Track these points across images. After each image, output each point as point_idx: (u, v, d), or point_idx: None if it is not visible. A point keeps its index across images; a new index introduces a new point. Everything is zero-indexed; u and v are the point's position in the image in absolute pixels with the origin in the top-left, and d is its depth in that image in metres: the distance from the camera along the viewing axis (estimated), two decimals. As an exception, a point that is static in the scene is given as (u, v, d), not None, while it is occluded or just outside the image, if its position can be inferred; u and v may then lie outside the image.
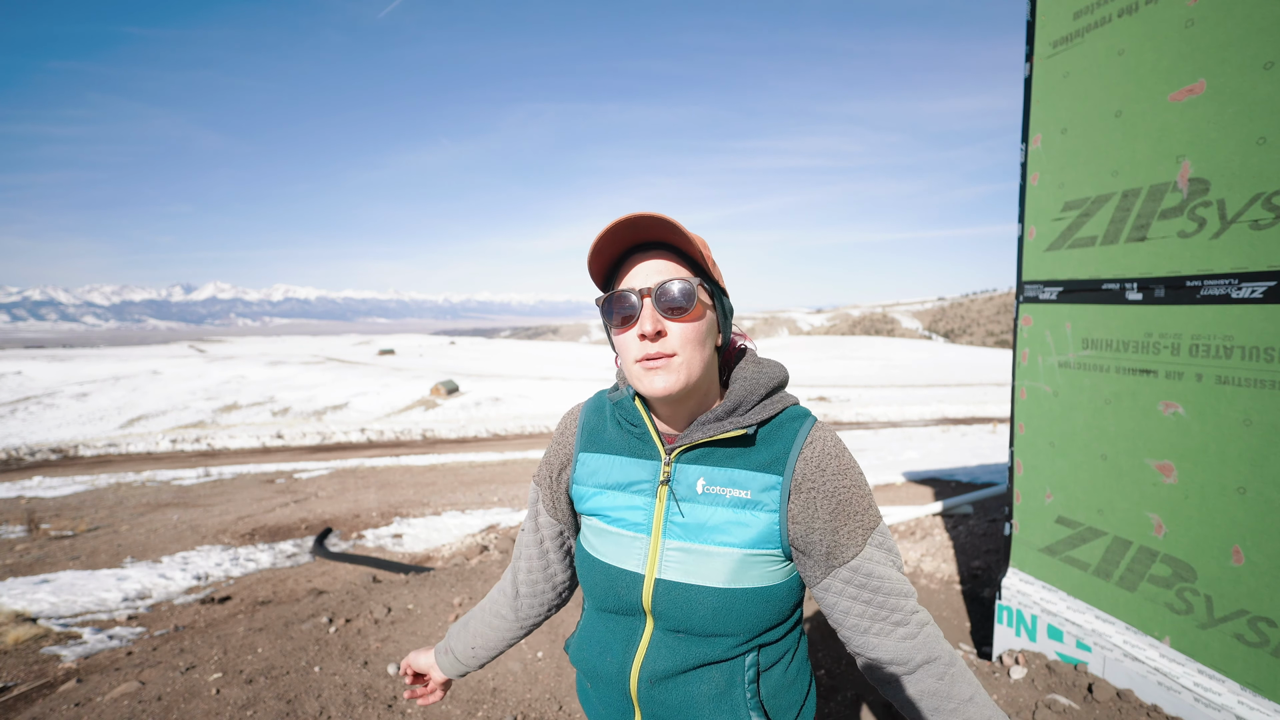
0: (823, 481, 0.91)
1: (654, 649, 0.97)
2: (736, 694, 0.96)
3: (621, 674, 1.00)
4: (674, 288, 0.89)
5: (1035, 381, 2.94)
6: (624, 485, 0.99)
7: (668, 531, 0.94)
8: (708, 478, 0.93)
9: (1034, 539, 2.99)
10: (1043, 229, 2.87)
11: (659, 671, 0.97)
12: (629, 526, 0.98)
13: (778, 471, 0.91)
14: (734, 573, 0.91)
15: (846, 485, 0.91)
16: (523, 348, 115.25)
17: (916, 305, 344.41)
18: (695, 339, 0.90)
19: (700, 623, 0.93)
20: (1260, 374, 2.03)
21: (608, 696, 1.04)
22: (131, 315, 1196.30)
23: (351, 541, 7.37)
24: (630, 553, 0.97)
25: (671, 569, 0.94)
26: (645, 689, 0.98)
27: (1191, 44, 2.20)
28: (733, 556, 0.91)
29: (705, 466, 0.94)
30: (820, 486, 0.90)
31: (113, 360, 64.13)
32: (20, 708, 2.98)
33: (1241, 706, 2.13)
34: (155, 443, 23.44)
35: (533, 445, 20.51)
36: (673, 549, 0.94)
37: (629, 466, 1.00)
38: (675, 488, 0.95)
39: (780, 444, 0.93)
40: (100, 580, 5.69)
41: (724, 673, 0.96)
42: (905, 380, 56.36)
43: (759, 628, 0.95)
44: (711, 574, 0.92)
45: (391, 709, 2.80)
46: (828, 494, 0.90)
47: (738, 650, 0.95)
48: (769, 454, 0.93)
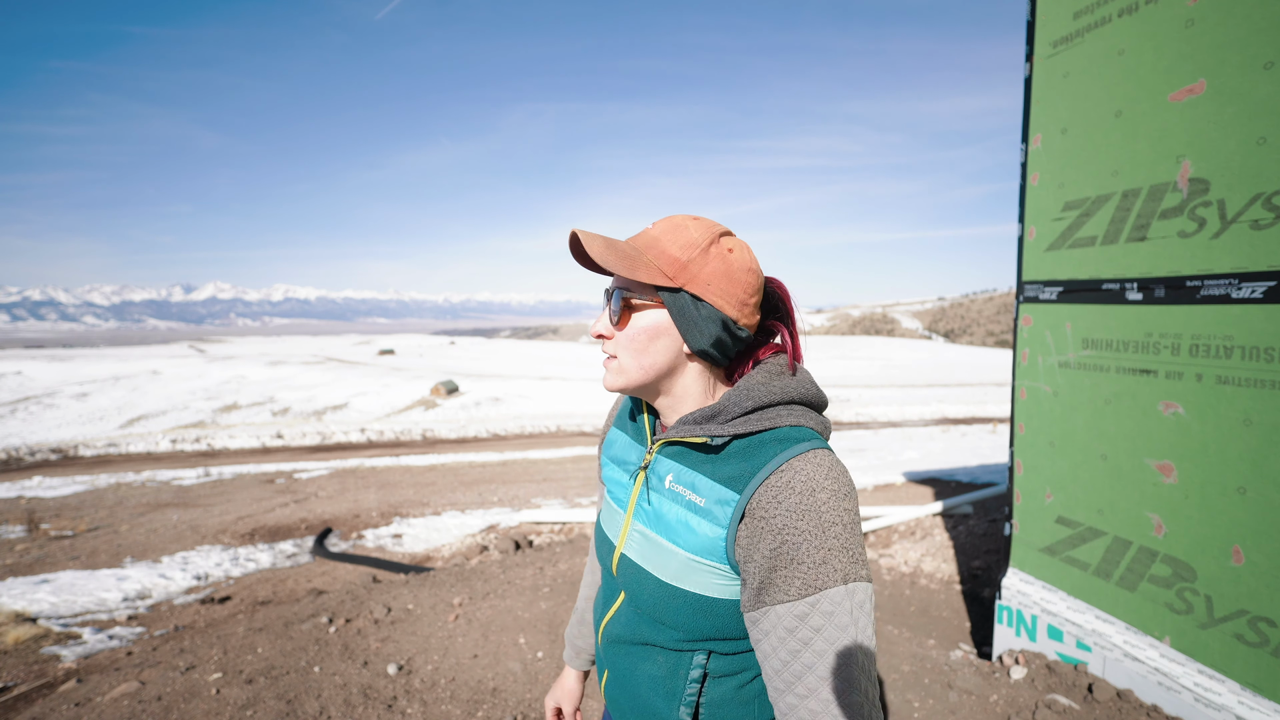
0: (775, 514, 0.79)
1: (619, 613, 1.03)
2: (676, 684, 0.94)
3: (598, 625, 1.09)
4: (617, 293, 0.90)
5: (1035, 381, 2.94)
6: (622, 462, 1.06)
7: (637, 513, 0.98)
8: (675, 475, 0.92)
9: (1034, 539, 2.99)
10: (1043, 229, 2.87)
11: (616, 635, 1.03)
12: (617, 501, 1.04)
13: (736, 490, 0.84)
14: (678, 572, 0.89)
15: (801, 528, 0.77)
16: (523, 348, 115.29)
17: (916, 305, 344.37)
18: (629, 346, 0.90)
19: (646, 604, 0.96)
20: (1260, 374, 2.03)
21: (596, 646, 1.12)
22: (131, 315, 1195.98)
23: (351, 541, 7.37)
24: (613, 523, 1.05)
25: (633, 548, 0.98)
26: (605, 646, 1.05)
27: (1191, 44, 2.20)
28: (679, 557, 0.89)
29: (676, 464, 0.93)
30: (770, 520, 0.79)
31: (113, 360, 64.14)
32: (20, 708, 2.98)
33: (1241, 706, 2.13)
34: (155, 443, 23.44)
35: (533, 445, 20.50)
36: (636, 530, 0.97)
37: (628, 447, 1.06)
38: (650, 476, 0.96)
39: (751, 463, 0.85)
40: (100, 580, 5.69)
41: (669, 661, 0.95)
42: (905, 380, 56.35)
43: (701, 634, 0.91)
44: (660, 566, 0.92)
45: (391, 709, 2.80)
46: (774, 530, 0.78)
47: (684, 645, 0.94)
48: (734, 469, 0.86)
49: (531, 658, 3.25)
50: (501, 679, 3.06)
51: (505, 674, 3.10)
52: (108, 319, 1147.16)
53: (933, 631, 3.78)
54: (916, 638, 3.46)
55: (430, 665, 3.20)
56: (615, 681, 1.05)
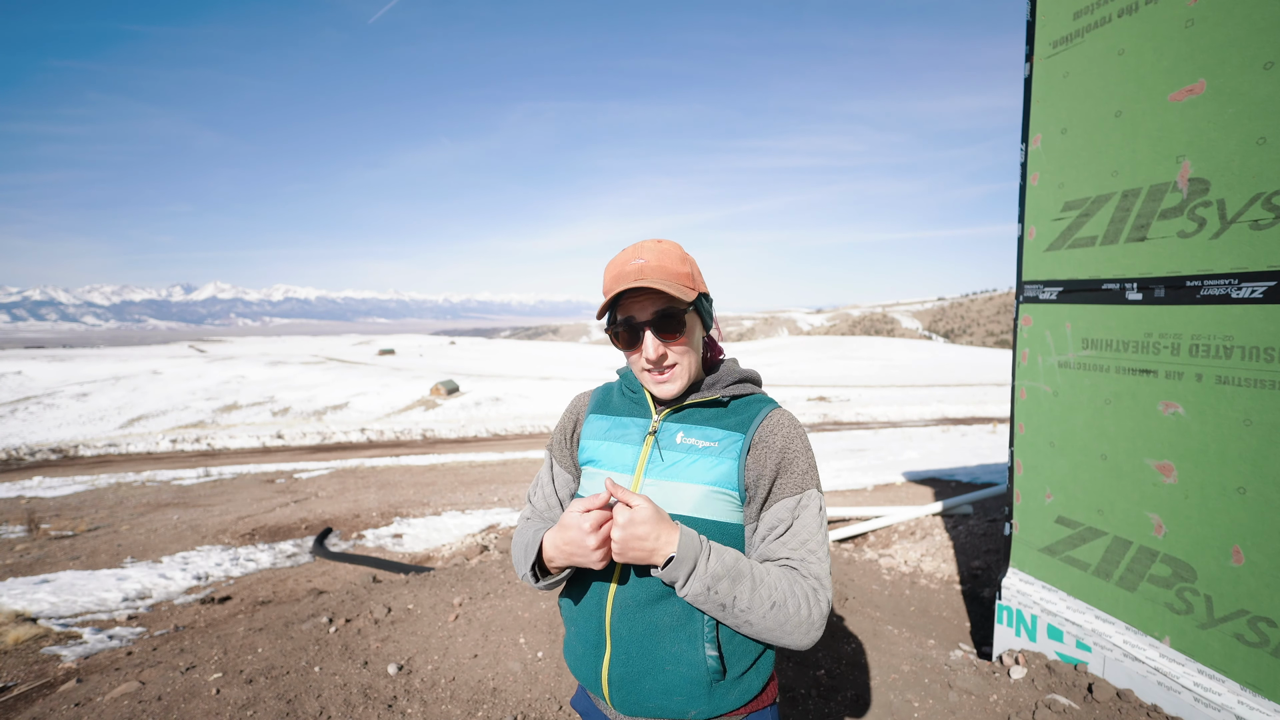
0: (773, 441, 1.14)
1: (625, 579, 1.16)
2: (695, 624, 1.12)
3: (599, 605, 1.18)
4: (668, 319, 1.13)
5: (1035, 381, 2.94)
6: (619, 437, 1.25)
7: (648, 471, 1.18)
8: (685, 432, 1.19)
9: (1034, 539, 2.99)
10: (1043, 229, 2.87)
11: (630, 599, 1.15)
12: (616, 468, 1.22)
13: (741, 431, 1.16)
14: (697, 503, 1.13)
15: (794, 448, 1.15)
16: (523, 348, 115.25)
17: (916, 305, 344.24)
18: (689, 350, 1.18)
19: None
20: (1260, 374, 2.03)
21: (584, 632, 1.22)
22: (131, 315, 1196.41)
23: (351, 541, 7.37)
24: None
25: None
26: (618, 615, 1.16)
27: (1191, 44, 2.20)
28: (698, 490, 1.14)
29: (685, 424, 1.20)
30: (771, 445, 1.14)
31: (113, 360, 64.12)
32: (20, 708, 2.98)
33: (1241, 706, 2.13)
34: (155, 443, 23.43)
35: (533, 445, 20.50)
36: (650, 484, 1.17)
37: (626, 423, 1.26)
38: (659, 438, 1.20)
39: (747, 414, 1.19)
40: (100, 580, 5.69)
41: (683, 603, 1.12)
42: (905, 380, 56.34)
43: None
44: (679, 503, 1.13)
45: (391, 709, 2.80)
46: (776, 450, 1.14)
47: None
48: (737, 419, 1.18)
49: (532, 658, 3.25)
50: (502, 679, 3.06)
51: (505, 674, 3.10)
52: (108, 319, 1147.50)
53: (933, 631, 3.78)
54: (916, 638, 3.46)
55: (430, 665, 3.20)
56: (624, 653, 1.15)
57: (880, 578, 4.78)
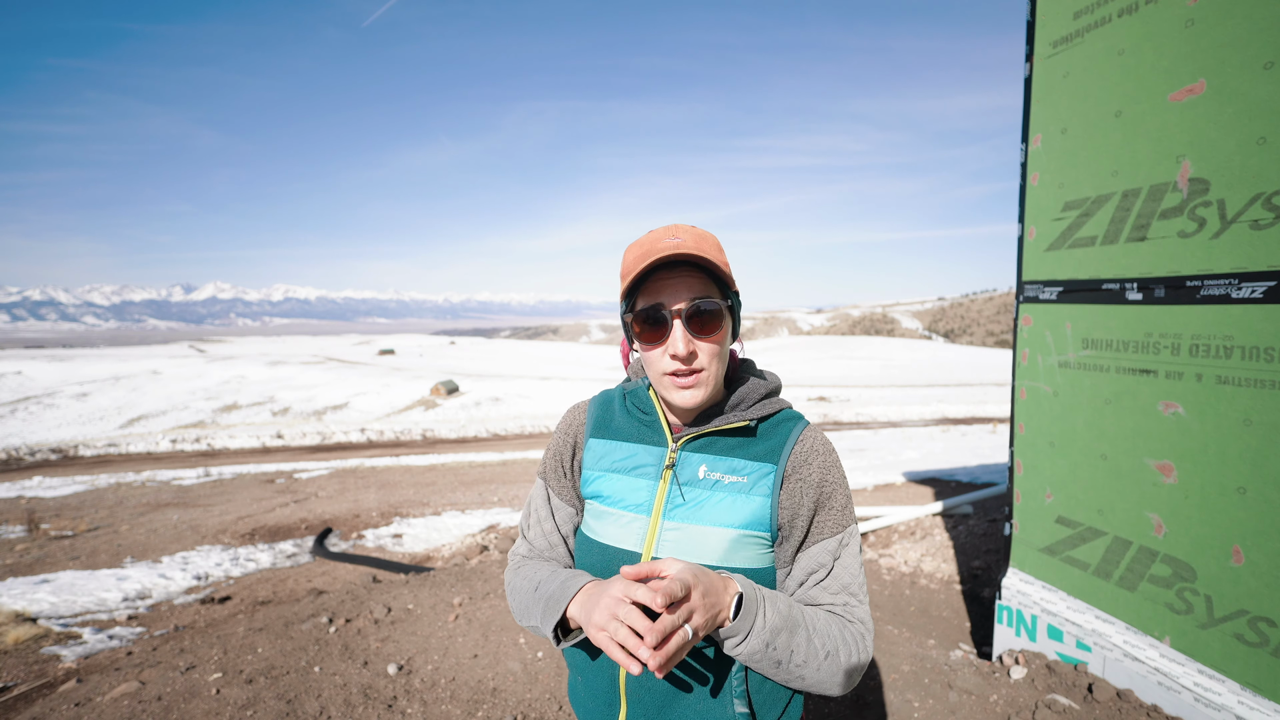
0: (809, 473, 0.99)
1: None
2: (726, 682, 0.98)
3: (610, 662, 1.02)
4: (705, 309, 0.95)
5: (1035, 381, 2.94)
6: (629, 469, 1.05)
7: (668, 513, 1.00)
8: (709, 465, 1.01)
9: (1034, 539, 2.99)
10: (1043, 229, 2.87)
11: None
12: (630, 508, 1.03)
13: (773, 461, 1.00)
14: (727, 552, 0.97)
15: (830, 480, 1.00)
16: (523, 348, 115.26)
17: (916, 305, 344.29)
18: (720, 354, 0.99)
19: None
20: (1260, 374, 2.03)
21: (596, 687, 1.05)
22: (131, 315, 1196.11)
23: (351, 541, 7.37)
24: (629, 533, 1.02)
25: (667, 548, 0.98)
26: (634, 679, 1.00)
27: (1191, 44, 2.20)
28: (727, 535, 0.97)
29: (707, 455, 1.02)
30: (807, 477, 0.99)
31: (113, 360, 64.12)
32: (20, 708, 2.98)
33: (1241, 706, 2.13)
34: (155, 443, 23.44)
35: (533, 445, 20.51)
36: (670, 529, 0.99)
37: (636, 451, 1.06)
38: (679, 472, 1.01)
39: (776, 438, 1.02)
40: (100, 580, 5.69)
41: (712, 658, 0.99)
42: (905, 380, 56.36)
43: None
44: (705, 552, 0.97)
45: (391, 709, 2.80)
46: (814, 484, 0.99)
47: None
48: (765, 446, 1.01)
49: (531, 658, 3.25)
50: (501, 679, 3.06)
51: (505, 674, 3.10)
52: (108, 319, 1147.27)
53: (933, 631, 3.78)
54: (916, 638, 3.46)
55: (430, 665, 3.20)
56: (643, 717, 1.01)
57: (880, 578, 4.78)
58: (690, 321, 0.95)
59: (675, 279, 0.96)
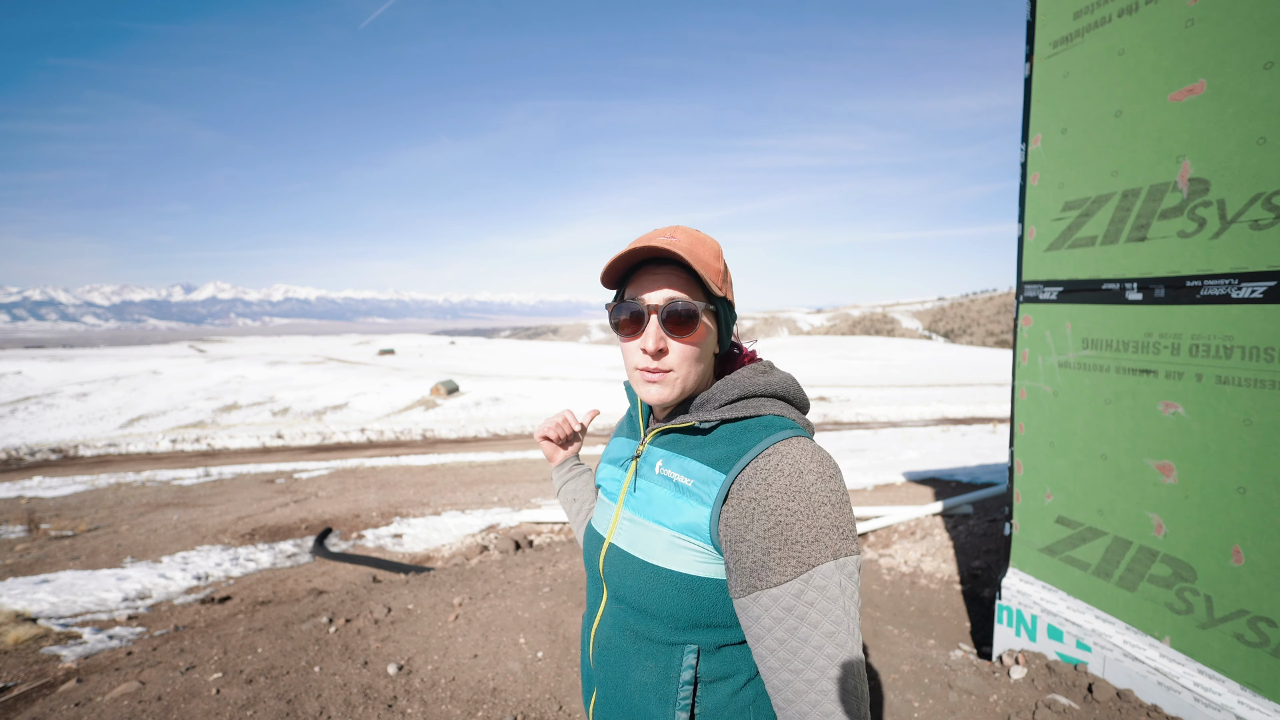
0: (767, 496, 0.84)
1: (606, 615, 1.04)
2: (669, 688, 0.94)
3: (588, 637, 1.09)
4: (680, 309, 0.93)
5: (1035, 381, 2.94)
6: (615, 459, 1.13)
7: (627, 501, 1.03)
8: (665, 461, 0.99)
9: (1034, 539, 2.99)
10: (1043, 229, 2.87)
11: (606, 638, 1.03)
12: (609, 495, 1.10)
13: (722, 470, 0.90)
14: (663, 552, 0.94)
15: (793, 509, 0.82)
16: (523, 348, 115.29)
17: (916, 305, 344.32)
18: (693, 357, 0.96)
19: (632, 593, 0.98)
20: (1260, 374, 2.03)
21: (583, 665, 1.12)
22: (131, 315, 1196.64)
23: (351, 541, 7.37)
24: (604, 518, 1.09)
25: (622, 536, 1.02)
26: (598, 652, 1.04)
27: (1191, 44, 2.20)
28: (663, 536, 0.94)
29: (667, 451, 1.00)
30: (762, 501, 0.84)
31: (113, 360, 64.12)
32: (20, 708, 2.98)
33: (1241, 706, 2.13)
34: (155, 443, 23.43)
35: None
36: (625, 519, 1.02)
37: (622, 444, 1.15)
38: (641, 465, 1.04)
39: (736, 446, 0.91)
40: (100, 580, 5.69)
41: (660, 659, 0.96)
42: (905, 380, 56.35)
43: (687, 619, 0.93)
44: (646, 548, 0.96)
45: (391, 709, 2.80)
46: (768, 510, 0.83)
47: (671, 638, 0.95)
48: (721, 452, 0.92)
49: (531, 658, 3.25)
50: (501, 679, 3.06)
51: (505, 674, 3.10)
52: (108, 319, 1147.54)
53: (933, 631, 3.78)
54: (916, 638, 3.45)
55: (430, 665, 3.20)
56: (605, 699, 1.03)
57: (880, 578, 4.78)
58: (666, 319, 0.93)
59: (658, 275, 0.97)
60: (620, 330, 0.99)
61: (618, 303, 0.99)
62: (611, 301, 1.02)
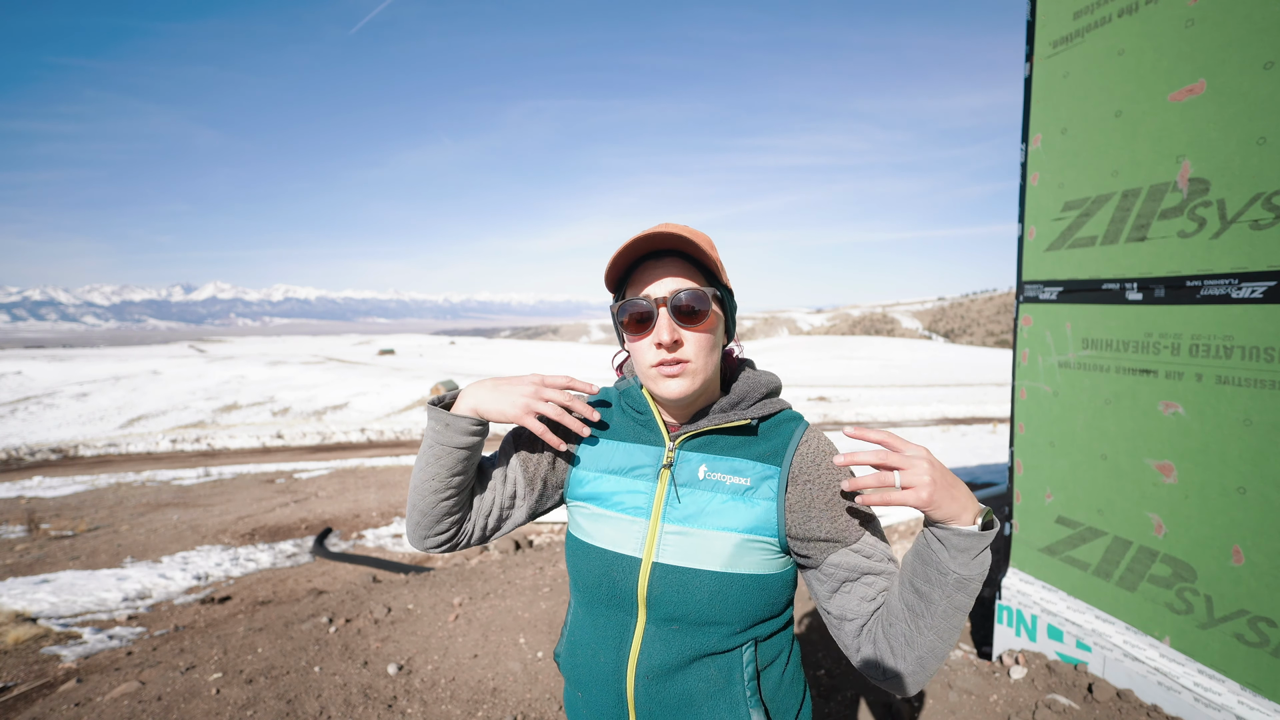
0: (818, 474, 0.95)
1: (649, 643, 0.97)
2: (736, 689, 0.95)
3: (617, 674, 0.98)
4: (689, 297, 0.94)
5: (1035, 381, 2.94)
6: (626, 470, 1.02)
7: (667, 515, 0.97)
8: (709, 465, 0.98)
9: (1034, 539, 2.99)
10: (1043, 229, 2.87)
11: (656, 666, 0.96)
12: (628, 510, 0.99)
13: (776, 463, 0.96)
14: (731, 556, 0.94)
15: (839, 479, 0.95)
16: (523, 348, 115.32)
17: (916, 305, 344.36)
18: (708, 346, 0.97)
19: (695, 608, 0.94)
20: (1260, 374, 2.03)
21: (601, 702, 1.01)
22: (131, 315, 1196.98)
23: (351, 541, 7.37)
24: (628, 536, 0.99)
25: (669, 552, 0.96)
26: (643, 687, 0.96)
27: (1191, 44, 2.20)
28: (731, 540, 0.94)
29: (707, 454, 0.99)
30: (816, 479, 0.95)
31: (113, 360, 64.12)
32: (20, 708, 2.98)
33: (1241, 706, 2.13)
34: (155, 443, 23.42)
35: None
36: (671, 532, 0.96)
37: (633, 452, 1.03)
38: (677, 473, 0.98)
39: (778, 439, 0.99)
40: (100, 580, 5.69)
41: (722, 666, 0.96)
42: (905, 380, 56.35)
43: (753, 617, 0.96)
44: (709, 557, 0.94)
45: (391, 709, 2.80)
46: (823, 485, 0.94)
47: (733, 641, 0.96)
48: (768, 447, 0.98)
49: (531, 658, 3.25)
50: (501, 679, 3.06)
51: (505, 674, 3.10)
52: (108, 319, 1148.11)
53: (933, 631, 3.77)
54: (916, 638, 3.45)
55: (430, 665, 3.20)
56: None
57: (880, 578, 4.78)
58: (676, 310, 0.93)
59: (661, 268, 0.96)
60: (628, 330, 0.97)
61: (621, 302, 0.98)
62: (614, 303, 1.01)
